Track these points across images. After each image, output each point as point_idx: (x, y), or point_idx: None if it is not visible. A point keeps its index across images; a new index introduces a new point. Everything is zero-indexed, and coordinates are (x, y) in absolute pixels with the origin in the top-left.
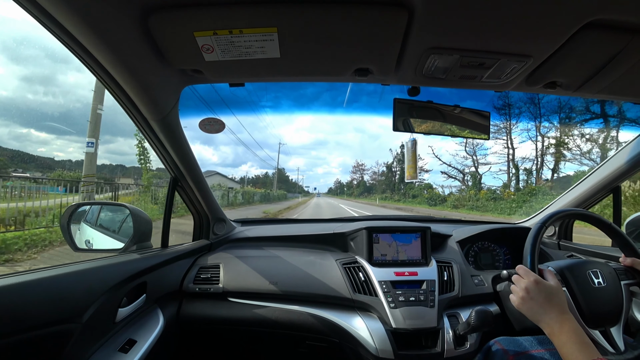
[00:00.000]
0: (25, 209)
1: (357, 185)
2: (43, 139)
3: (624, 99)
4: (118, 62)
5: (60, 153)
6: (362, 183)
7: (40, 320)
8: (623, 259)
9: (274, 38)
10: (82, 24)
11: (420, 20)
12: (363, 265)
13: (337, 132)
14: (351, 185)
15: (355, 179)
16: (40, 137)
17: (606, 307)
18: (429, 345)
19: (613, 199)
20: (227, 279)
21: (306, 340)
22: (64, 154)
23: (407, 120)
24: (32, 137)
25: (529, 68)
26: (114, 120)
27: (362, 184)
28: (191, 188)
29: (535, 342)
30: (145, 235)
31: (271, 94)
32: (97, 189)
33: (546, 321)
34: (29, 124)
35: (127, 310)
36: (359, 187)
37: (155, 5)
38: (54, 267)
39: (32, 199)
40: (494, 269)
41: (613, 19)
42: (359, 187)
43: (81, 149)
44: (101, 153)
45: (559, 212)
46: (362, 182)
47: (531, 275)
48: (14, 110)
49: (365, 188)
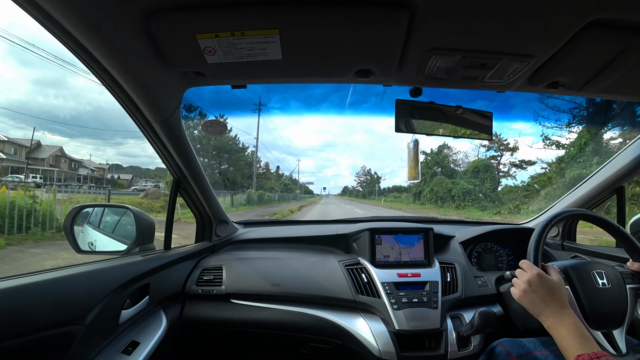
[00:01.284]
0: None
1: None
2: (57, 141)
3: (627, 99)
4: (120, 64)
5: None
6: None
7: (44, 322)
8: (631, 263)
9: (275, 40)
10: (84, 25)
11: (421, 21)
12: (366, 267)
13: (346, 133)
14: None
15: (361, 183)
16: (54, 139)
17: (609, 309)
18: (432, 347)
19: (617, 199)
20: (230, 281)
21: (309, 342)
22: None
23: (409, 121)
24: (46, 140)
25: (532, 68)
26: (124, 122)
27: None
28: (194, 190)
29: (539, 344)
30: (148, 237)
31: (279, 96)
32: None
33: (546, 314)
34: (42, 126)
35: (130, 312)
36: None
37: (157, 7)
38: (57, 269)
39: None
40: (497, 270)
41: (615, 18)
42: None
43: (96, 150)
44: (112, 155)
45: (563, 213)
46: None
47: (534, 268)
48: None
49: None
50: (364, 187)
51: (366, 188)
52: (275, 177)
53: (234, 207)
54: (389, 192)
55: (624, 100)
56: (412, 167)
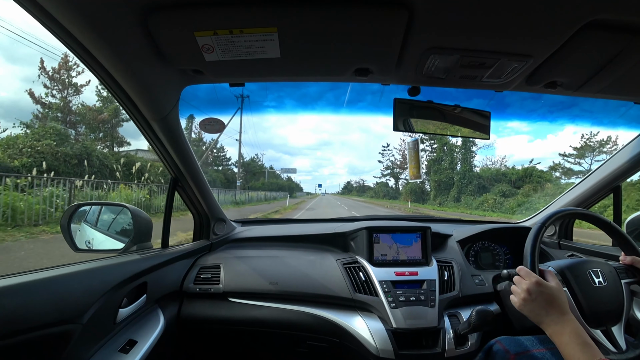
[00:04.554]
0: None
1: (356, 187)
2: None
3: (625, 99)
4: (118, 61)
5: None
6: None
7: (41, 321)
8: (623, 257)
9: (274, 38)
10: (82, 23)
11: (420, 20)
12: (363, 265)
13: (341, 132)
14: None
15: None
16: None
17: (607, 307)
18: (429, 345)
19: (613, 199)
20: (228, 279)
21: (307, 340)
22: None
23: (408, 120)
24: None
25: (530, 68)
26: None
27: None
28: (191, 188)
29: (536, 342)
30: (146, 236)
31: (274, 94)
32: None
33: (547, 322)
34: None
35: (127, 311)
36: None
37: (155, 5)
38: (54, 268)
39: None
40: (495, 268)
41: (613, 18)
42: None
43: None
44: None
45: (559, 212)
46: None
47: (532, 276)
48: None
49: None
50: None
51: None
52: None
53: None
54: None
55: (621, 100)
56: (413, 167)
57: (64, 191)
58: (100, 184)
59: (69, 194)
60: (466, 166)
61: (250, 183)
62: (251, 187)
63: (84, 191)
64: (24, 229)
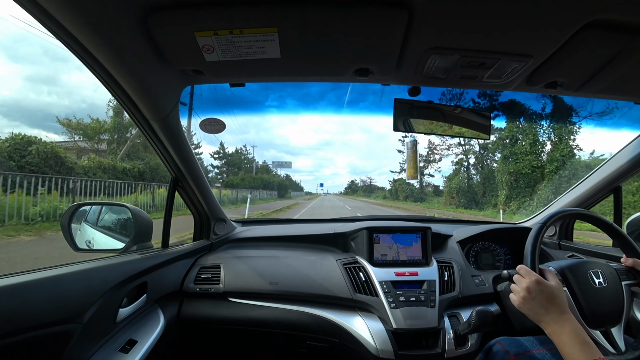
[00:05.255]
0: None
1: (362, 188)
2: (52, 139)
3: (625, 99)
4: (118, 61)
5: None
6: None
7: (41, 320)
8: (624, 259)
9: (274, 38)
10: (82, 23)
11: (420, 20)
12: (364, 266)
13: (343, 132)
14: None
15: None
16: (48, 137)
17: (607, 307)
18: (429, 346)
19: (614, 199)
20: (228, 279)
21: (307, 340)
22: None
23: (408, 120)
24: (43, 138)
25: (530, 68)
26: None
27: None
28: (191, 188)
29: (536, 342)
30: (146, 235)
31: (276, 94)
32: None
33: (547, 321)
34: (36, 124)
35: (127, 311)
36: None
37: (156, 5)
38: (54, 267)
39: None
40: (495, 269)
41: (613, 18)
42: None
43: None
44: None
45: (560, 212)
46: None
47: (532, 275)
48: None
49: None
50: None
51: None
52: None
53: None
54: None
55: (621, 100)
56: (410, 167)
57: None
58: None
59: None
60: (566, 148)
61: (227, 178)
62: (227, 183)
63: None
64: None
